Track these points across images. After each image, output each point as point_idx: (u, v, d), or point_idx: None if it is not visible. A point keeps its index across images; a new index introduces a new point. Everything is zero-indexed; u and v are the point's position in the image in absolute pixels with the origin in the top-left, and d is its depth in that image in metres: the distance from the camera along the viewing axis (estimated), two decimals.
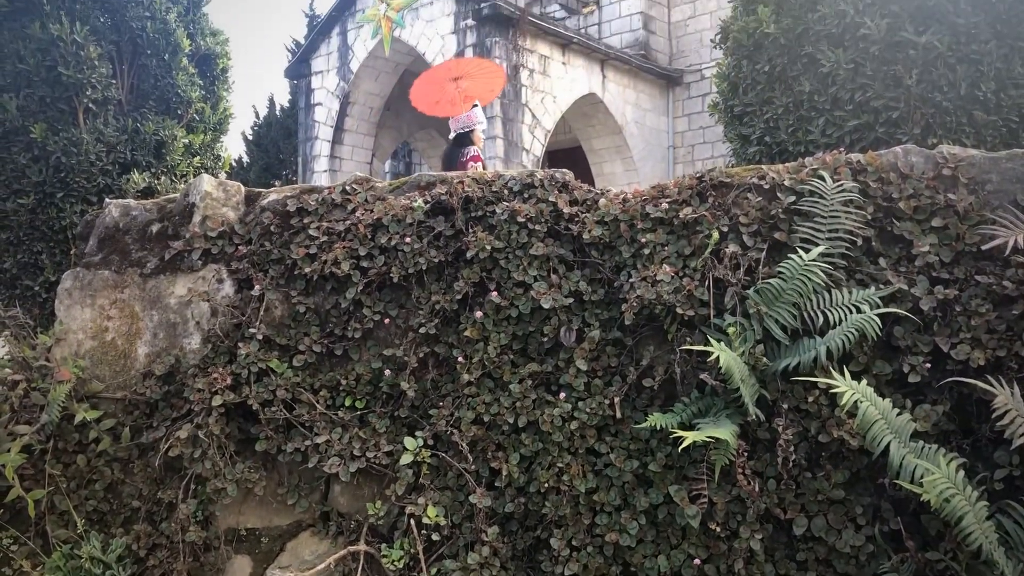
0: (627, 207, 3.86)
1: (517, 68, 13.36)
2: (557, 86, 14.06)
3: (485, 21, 13.14)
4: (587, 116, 15.27)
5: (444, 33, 13.70)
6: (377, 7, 14.46)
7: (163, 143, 6.10)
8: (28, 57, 5.72)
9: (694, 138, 15.82)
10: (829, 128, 4.42)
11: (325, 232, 4.10)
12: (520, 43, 13.44)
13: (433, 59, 13.74)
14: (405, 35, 14.17)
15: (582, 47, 14.37)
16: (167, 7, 6.23)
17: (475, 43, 13.39)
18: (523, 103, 13.44)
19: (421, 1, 13.98)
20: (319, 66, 15.35)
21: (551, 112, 13.97)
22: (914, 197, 3.57)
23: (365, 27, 14.68)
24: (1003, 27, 4.19)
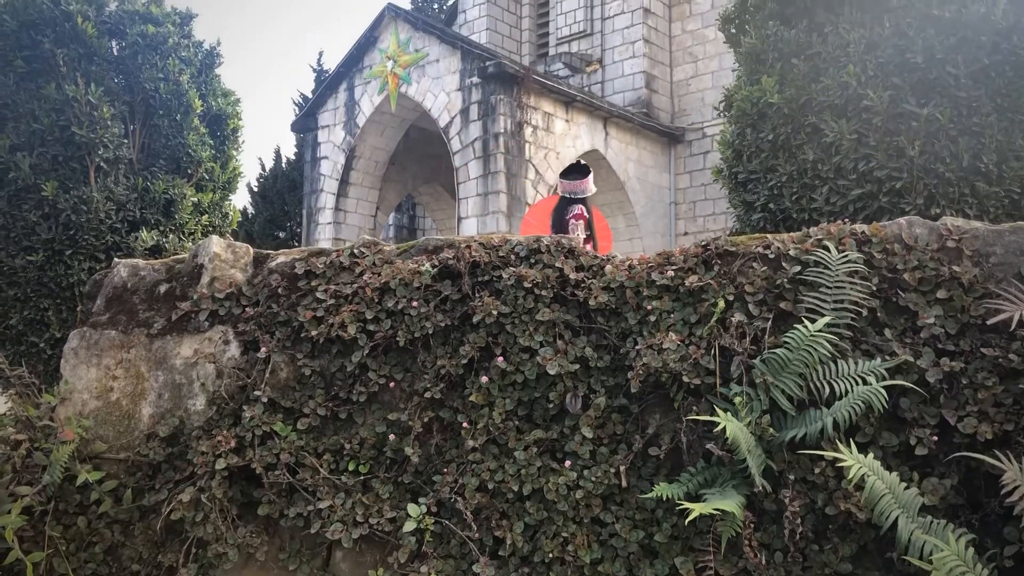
0: (633, 274, 3.89)
1: (521, 125, 13.53)
2: (560, 142, 14.22)
3: (490, 79, 13.34)
4: None
5: (450, 90, 13.90)
6: (384, 64, 14.71)
7: (172, 201, 6.16)
8: (43, 117, 5.82)
9: (696, 195, 15.95)
10: (833, 197, 4.46)
11: (332, 295, 4.12)
12: (524, 100, 13.62)
13: (438, 115, 13.93)
14: (411, 91, 14.37)
15: (585, 104, 14.57)
16: (180, 69, 6.34)
17: (480, 100, 13.57)
18: (527, 159, 13.58)
19: (427, 58, 14.21)
20: (326, 120, 15.55)
21: (554, 168, 14.10)
22: (919, 268, 3.59)
23: (372, 83, 14.91)
24: (1003, 100, 4.26)
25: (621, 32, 16.29)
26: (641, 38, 15.98)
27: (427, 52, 14.17)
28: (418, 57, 14.27)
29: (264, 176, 18.56)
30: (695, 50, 16.18)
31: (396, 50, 14.58)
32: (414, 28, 14.52)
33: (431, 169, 17.15)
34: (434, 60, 14.11)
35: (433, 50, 14.13)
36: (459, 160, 13.70)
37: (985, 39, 4.28)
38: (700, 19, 16.17)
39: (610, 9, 16.48)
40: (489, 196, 13.41)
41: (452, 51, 13.89)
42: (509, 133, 13.33)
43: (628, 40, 16.19)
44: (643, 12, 15.99)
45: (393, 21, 14.69)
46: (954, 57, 4.31)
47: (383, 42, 14.83)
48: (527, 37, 18.10)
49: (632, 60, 16.09)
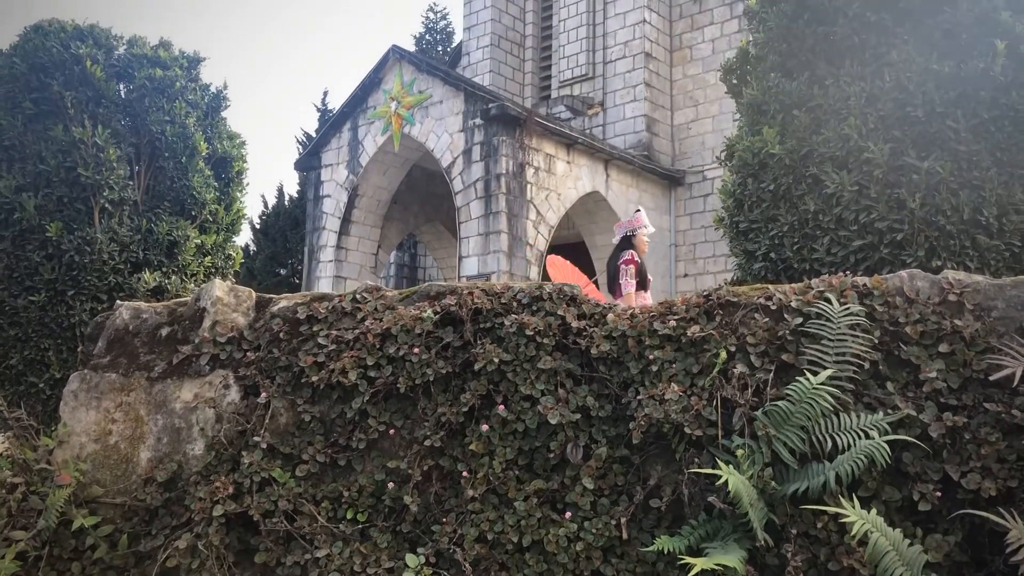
0: (635, 323, 3.89)
1: (523, 166, 13.61)
2: (562, 184, 14.30)
3: (493, 121, 13.45)
4: (590, 213, 15.48)
5: (453, 131, 14.01)
6: (388, 104, 14.84)
7: (176, 243, 6.19)
8: (49, 158, 5.86)
9: (696, 237, 15.99)
10: (834, 247, 4.48)
11: (334, 340, 4.12)
12: (526, 142, 13.72)
13: (441, 155, 14.02)
14: (414, 132, 14.49)
15: (586, 147, 14.68)
16: (187, 112, 6.40)
17: (482, 141, 13.67)
18: (528, 199, 13.65)
19: (431, 100, 14.35)
20: (329, 159, 15.65)
21: (555, 209, 14.17)
22: (920, 322, 3.60)
23: (376, 123, 15.03)
24: (1003, 155, 4.30)
25: (623, 76, 16.46)
26: (642, 82, 16.15)
27: (431, 93, 14.31)
28: (422, 98, 14.40)
29: (266, 213, 18.64)
30: (696, 94, 16.34)
31: (400, 91, 14.72)
32: (418, 70, 14.67)
33: (433, 208, 17.23)
34: (437, 101, 14.24)
35: (437, 91, 14.27)
36: (461, 200, 13.77)
37: (984, 94, 4.33)
38: (701, 64, 16.35)
39: (612, 53, 16.67)
40: (490, 236, 13.45)
41: (455, 93, 14.03)
42: (511, 174, 13.41)
43: (629, 84, 16.35)
44: (644, 57, 16.18)
45: (398, 63, 14.85)
46: (954, 111, 4.35)
47: (387, 83, 14.98)
48: (530, 80, 18.29)
49: (633, 104, 16.24)
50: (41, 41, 6.08)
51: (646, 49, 16.24)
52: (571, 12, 17.31)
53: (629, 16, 16.49)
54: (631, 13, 16.46)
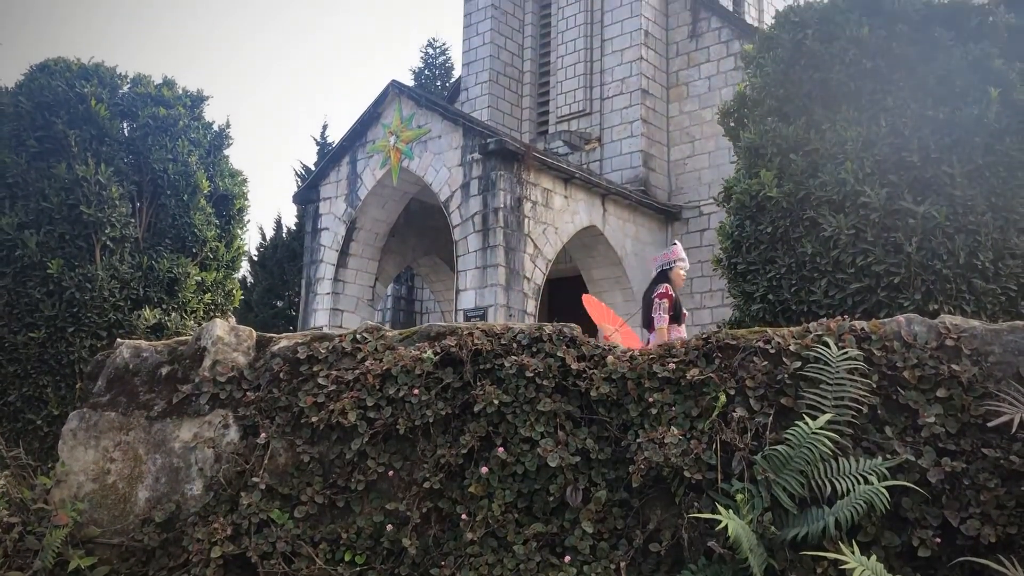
0: (634, 365, 3.91)
1: (520, 200, 13.69)
2: (559, 218, 14.37)
3: (491, 155, 13.55)
4: (588, 247, 15.54)
5: (451, 165, 14.11)
6: (387, 139, 14.95)
7: (176, 280, 6.22)
8: (52, 195, 5.91)
9: (692, 271, 16.02)
10: (831, 290, 4.52)
11: (334, 381, 4.13)
12: (524, 176, 13.81)
13: (439, 189, 14.10)
14: (413, 166, 14.58)
15: (584, 182, 14.77)
16: (189, 150, 6.46)
17: (481, 175, 13.76)
18: (525, 233, 13.71)
19: (430, 134, 14.46)
20: (328, 192, 15.73)
21: (552, 243, 14.23)
22: (918, 367, 3.62)
23: (375, 157, 15.13)
24: (997, 200, 4.35)
25: (620, 112, 16.61)
26: (639, 118, 16.30)
27: (429, 128, 14.43)
28: (421, 133, 14.52)
29: (264, 246, 18.69)
30: (692, 131, 16.48)
31: (399, 126, 14.84)
32: (417, 105, 14.80)
33: (431, 241, 17.29)
34: (436, 136, 14.35)
35: (435, 126, 14.38)
36: (459, 233, 13.82)
37: (979, 140, 4.40)
38: (697, 100, 16.52)
39: (609, 90, 16.83)
40: (488, 269, 13.49)
41: (454, 128, 14.15)
42: (509, 208, 13.49)
43: (626, 120, 16.50)
44: (641, 93, 16.34)
45: (397, 98, 14.98)
46: (949, 157, 4.41)
47: (386, 117, 15.10)
48: (527, 115, 18.44)
49: (630, 139, 16.38)
50: (47, 80, 6.16)
51: (643, 86, 16.41)
52: (569, 49, 17.51)
53: (626, 54, 16.69)
54: (628, 51, 16.66)
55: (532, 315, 13.78)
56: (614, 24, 17.00)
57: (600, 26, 17.20)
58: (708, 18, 16.66)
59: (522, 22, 18.68)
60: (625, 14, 16.83)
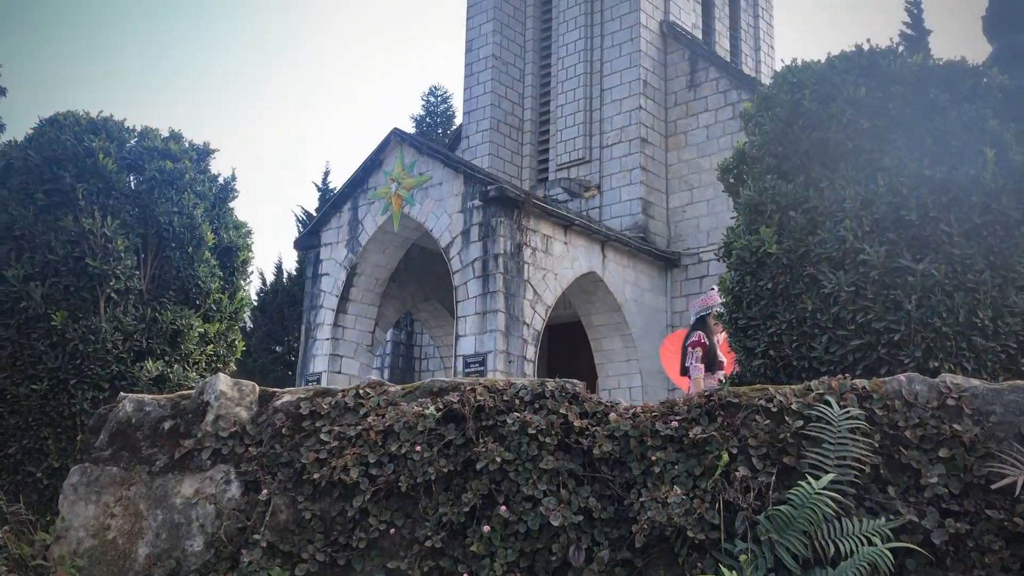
0: (637, 423, 3.91)
1: (520, 246, 13.77)
2: (559, 264, 14.44)
3: (491, 202, 13.66)
4: (587, 293, 15.59)
5: (452, 212, 14.22)
6: (389, 185, 15.08)
7: (179, 332, 6.25)
8: (58, 248, 5.97)
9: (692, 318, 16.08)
10: (832, 346, 4.54)
11: (336, 437, 4.13)
12: (524, 223, 13.91)
13: (440, 235, 14.19)
14: (414, 212, 14.69)
15: (583, 228, 14.88)
16: (195, 203, 6.54)
17: (481, 222, 13.86)
18: (525, 279, 13.76)
19: (431, 181, 14.59)
20: (329, 238, 15.82)
21: (552, 289, 14.28)
22: (920, 426, 3.63)
23: (376, 203, 15.24)
24: (996, 258, 4.40)
25: (619, 160, 16.79)
26: (638, 166, 16.46)
27: (431, 175, 14.56)
28: (422, 180, 14.65)
29: (264, 290, 18.73)
30: (691, 179, 16.65)
31: (401, 173, 14.98)
32: (419, 152, 14.96)
33: (431, 287, 17.34)
34: (437, 183, 14.48)
35: (437, 173, 14.52)
36: (459, 279, 13.88)
37: (976, 200, 4.46)
38: (696, 149, 16.70)
39: (608, 138, 17.03)
40: (487, 315, 13.52)
41: (455, 175, 14.28)
42: (508, 254, 13.56)
43: (626, 168, 16.67)
44: (640, 142, 16.53)
45: (399, 145, 15.15)
46: (947, 215, 4.48)
47: (388, 164, 15.25)
48: (528, 163, 18.62)
49: (629, 187, 16.53)
50: (56, 134, 6.26)
51: (642, 135, 16.61)
52: (569, 98, 17.74)
53: (625, 103, 16.91)
54: (627, 100, 16.89)
55: (532, 361, 13.78)
56: (613, 74, 17.26)
57: (599, 76, 17.46)
58: (706, 68, 16.91)
59: (522, 72, 18.96)
60: (624, 64, 17.10)
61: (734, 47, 19.92)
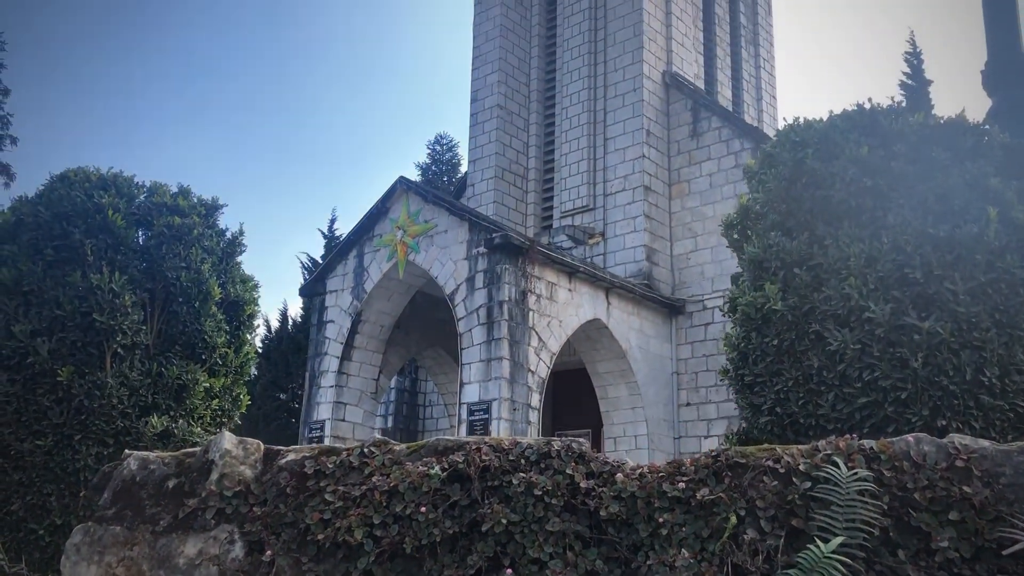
0: (644, 484, 3.88)
1: (525, 293, 13.79)
2: (563, 311, 14.45)
3: (496, 249, 13.71)
4: (592, 340, 15.57)
5: (457, 259, 14.27)
6: (394, 233, 15.17)
7: (185, 387, 6.26)
8: (66, 303, 6.01)
9: (697, 365, 16.04)
10: (839, 404, 4.53)
11: (341, 497, 4.10)
12: (529, 270, 13.95)
13: (445, 282, 14.24)
14: (419, 259, 14.75)
15: (588, 275, 14.91)
16: (203, 258, 6.60)
17: (486, 269, 13.90)
18: (530, 326, 13.76)
19: (436, 229, 14.67)
20: (334, 285, 15.87)
21: (557, 336, 14.27)
22: (929, 488, 3.60)
23: (381, 250, 15.32)
24: (1001, 316, 4.41)
25: (623, 208, 16.89)
26: (642, 214, 16.56)
27: (436, 223, 14.65)
28: (427, 227, 14.73)
29: (269, 337, 18.75)
30: (694, 226, 16.72)
31: (406, 220, 15.07)
32: (424, 200, 15.07)
33: (435, 333, 17.34)
34: (442, 231, 14.56)
35: (442, 221, 14.60)
36: (463, 326, 13.88)
37: (980, 258, 4.48)
38: (699, 197, 16.81)
39: (612, 186, 17.16)
40: (492, 362, 13.49)
41: (460, 223, 14.36)
42: (513, 301, 13.58)
43: (629, 215, 16.76)
44: (644, 190, 16.65)
45: (405, 194, 15.26)
46: (952, 274, 4.49)
47: (394, 212, 15.36)
48: (532, 210, 18.75)
49: (633, 234, 16.60)
50: (66, 191, 6.34)
51: (645, 183, 16.73)
52: (572, 147, 17.92)
53: (628, 152, 17.07)
54: (630, 149, 17.05)
55: (536, 409, 13.72)
56: (616, 124, 17.45)
57: (603, 125, 17.65)
58: (708, 118, 17.09)
59: (527, 121, 19.18)
60: (627, 114, 17.29)
61: (736, 97, 20.15)
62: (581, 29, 18.57)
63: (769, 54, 21.44)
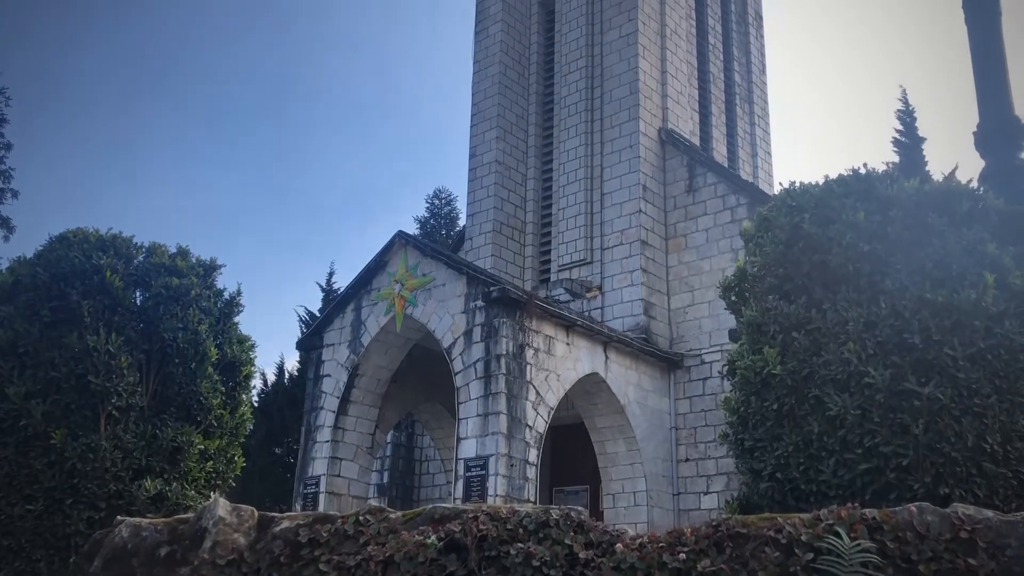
0: (644, 554, 3.83)
1: (523, 347, 13.75)
2: (561, 365, 14.39)
3: (494, 303, 13.70)
4: (590, 395, 15.48)
5: (454, 312, 14.25)
6: (392, 286, 15.16)
7: (179, 449, 6.19)
8: (61, 365, 5.98)
9: (696, 420, 15.93)
10: (840, 470, 4.49)
11: (336, 567, 4.03)
12: (526, 324, 13.92)
13: (442, 336, 14.19)
14: (417, 313, 14.72)
15: (585, 329, 14.87)
16: (200, 319, 6.59)
17: (483, 322, 13.87)
18: (527, 380, 13.68)
19: (434, 282, 14.67)
20: (331, 339, 15.81)
21: (555, 390, 14.19)
22: (934, 560, 3.55)
23: (379, 304, 15.29)
24: (1002, 383, 4.39)
25: (620, 262, 16.94)
26: (639, 268, 16.60)
27: (434, 276, 14.66)
28: (425, 281, 14.74)
29: (265, 391, 18.63)
30: (691, 280, 16.76)
31: (404, 274, 15.08)
32: (422, 254, 15.10)
33: (432, 387, 17.24)
34: (440, 284, 14.55)
35: (440, 274, 14.61)
36: (461, 380, 13.80)
37: (979, 324, 4.48)
38: (696, 252, 16.88)
39: (609, 240, 17.24)
40: (489, 417, 13.39)
41: (458, 276, 14.37)
42: (511, 355, 13.53)
43: (627, 269, 16.81)
44: (640, 244, 16.72)
45: (403, 247, 15.30)
46: (951, 339, 4.49)
47: (392, 266, 15.37)
48: (530, 263, 18.80)
49: (631, 288, 16.63)
50: (64, 251, 6.35)
51: (642, 237, 16.81)
52: (570, 201, 18.06)
53: (625, 206, 17.19)
54: (627, 204, 17.17)
55: (534, 465, 13.58)
56: (613, 179, 17.60)
57: (600, 180, 17.81)
58: (704, 174, 17.26)
59: (524, 176, 19.34)
60: (624, 170, 17.45)
61: (731, 153, 20.37)
62: (578, 87, 18.84)
63: (763, 111, 21.72)
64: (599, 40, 19.03)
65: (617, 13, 18.60)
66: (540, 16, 20.87)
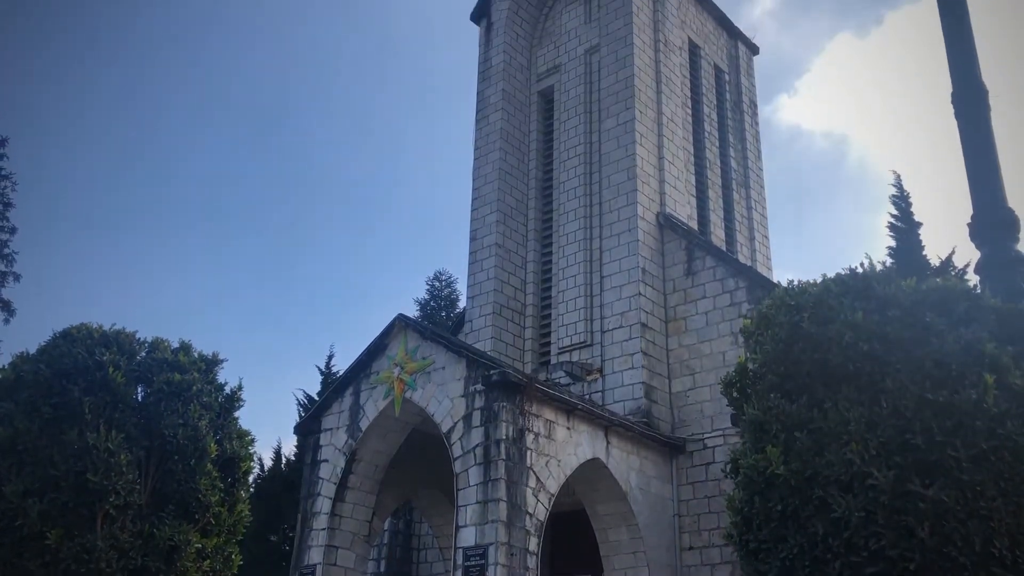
0: None
1: (523, 432, 13.64)
2: (562, 450, 14.24)
3: (494, 387, 13.64)
4: (591, 480, 15.29)
5: (454, 396, 14.18)
6: (391, 370, 15.13)
7: (176, 548, 6.12)
8: (60, 463, 5.95)
9: (699, 507, 15.70)
10: (846, 572, 4.43)
11: None
12: (526, 408, 13.84)
13: (441, 420, 14.09)
14: (416, 396, 14.65)
15: (586, 413, 14.78)
16: (200, 414, 6.59)
17: (483, 406, 13.79)
18: (528, 466, 13.53)
19: (434, 366, 14.64)
20: (329, 423, 15.69)
21: (556, 476, 14.01)
22: None
23: (378, 388, 15.23)
24: (1007, 484, 4.37)
25: (620, 344, 16.95)
26: (639, 351, 16.60)
27: (433, 360, 14.64)
28: (425, 364, 14.72)
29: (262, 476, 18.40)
30: (692, 363, 16.75)
31: (404, 357, 15.07)
32: (422, 337, 15.11)
33: (431, 473, 17.04)
34: (440, 367, 14.52)
35: (439, 358, 14.59)
36: (460, 466, 13.64)
37: (980, 424, 4.48)
38: (696, 334, 16.91)
39: (609, 323, 17.28)
40: (489, 504, 13.19)
41: (457, 359, 14.35)
42: (511, 440, 13.41)
43: (627, 352, 16.81)
44: (640, 327, 16.76)
45: (403, 330, 15.32)
46: (953, 440, 4.48)
47: (392, 349, 15.36)
48: (529, 346, 18.81)
49: (631, 371, 16.59)
50: (67, 347, 6.39)
51: (642, 320, 16.87)
52: (569, 284, 18.20)
53: (625, 289, 17.30)
54: (626, 287, 17.28)
55: (535, 554, 13.31)
56: (612, 262, 17.76)
57: (599, 264, 17.98)
58: (703, 257, 17.42)
59: (524, 259, 19.53)
60: (623, 253, 17.62)
61: (729, 236, 20.62)
62: (577, 172, 19.19)
63: (760, 195, 22.07)
64: (597, 127, 19.46)
65: (615, 102, 19.06)
66: (539, 104, 21.40)
